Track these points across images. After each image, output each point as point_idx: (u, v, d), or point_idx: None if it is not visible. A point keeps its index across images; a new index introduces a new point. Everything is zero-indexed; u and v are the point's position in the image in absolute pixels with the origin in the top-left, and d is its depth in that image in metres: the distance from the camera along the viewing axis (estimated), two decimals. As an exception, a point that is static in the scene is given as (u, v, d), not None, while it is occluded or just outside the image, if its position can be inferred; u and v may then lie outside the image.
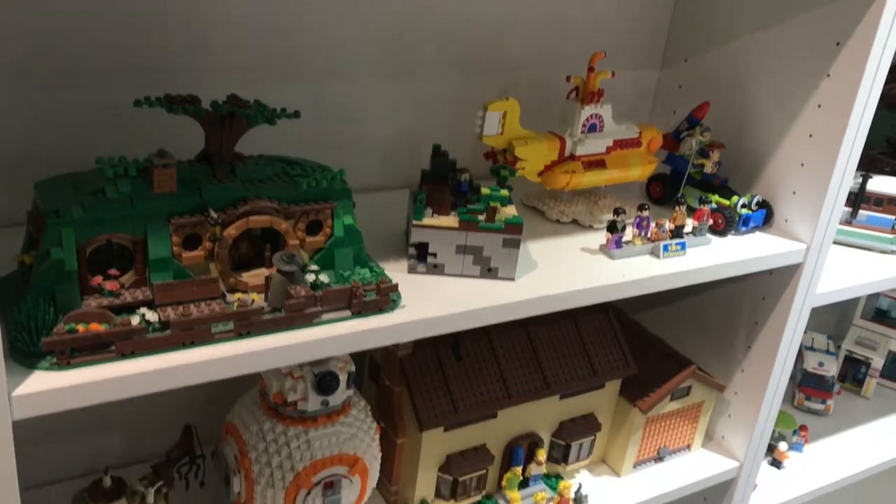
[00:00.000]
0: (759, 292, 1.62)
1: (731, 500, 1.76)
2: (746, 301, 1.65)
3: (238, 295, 1.07)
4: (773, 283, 1.59)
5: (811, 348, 2.28)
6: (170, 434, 1.39)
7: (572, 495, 1.55)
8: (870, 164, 1.87)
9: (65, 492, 1.34)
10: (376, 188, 1.55)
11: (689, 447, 1.74)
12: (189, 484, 1.39)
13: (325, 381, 1.26)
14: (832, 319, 2.54)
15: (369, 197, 1.45)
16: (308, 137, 1.38)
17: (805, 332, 2.34)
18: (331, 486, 1.29)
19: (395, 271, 1.23)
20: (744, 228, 1.53)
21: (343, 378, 1.29)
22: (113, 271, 1.02)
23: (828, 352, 2.27)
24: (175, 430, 1.39)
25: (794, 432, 2.03)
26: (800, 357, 2.27)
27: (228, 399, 1.37)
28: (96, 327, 0.95)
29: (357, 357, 1.33)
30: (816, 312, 2.38)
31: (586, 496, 1.56)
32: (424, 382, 1.41)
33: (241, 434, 1.30)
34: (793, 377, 2.26)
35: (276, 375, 1.28)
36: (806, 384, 2.21)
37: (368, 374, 1.55)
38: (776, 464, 1.96)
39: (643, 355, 1.63)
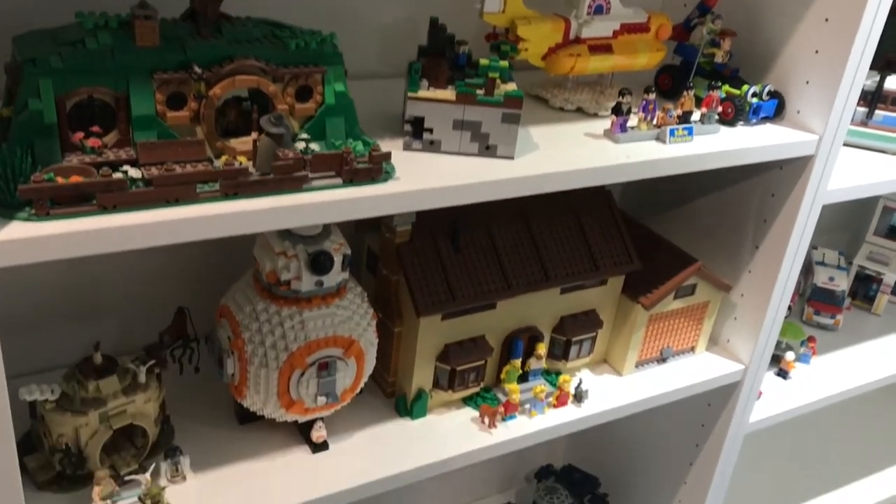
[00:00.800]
0: (768, 188, 1.57)
1: (734, 405, 1.74)
2: (755, 198, 1.60)
3: (224, 157, 1.03)
4: (784, 179, 1.54)
5: (822, 263, 2.24)
6: (163, 324, 1.37)
7: (572, 390, 1.53)
8: (887, 66, 1.80)
9: (55, 379, 1.33)
10: (374, 75, 1.50)
11: (692, 349, 1.71)
12: (183, 368, 1.37)
13: (318, 261, 1.23)
14: (844, 237, 2.50)
15: (366, 83, 1.41)
16: (301, 20, 1.33)
17: (815, 247, 2.31)
18: (325, 368, 1.28)
19: (391, 149, 1.19)
20: (754, 119, 1.47)
21: (338, 260, 1.26)
22: (96, 129, 0.99)
23: (839, 267, 2.22)
24: (168, 320, 1.37)
25: (802, 343, 2.00)
26: (810, 272, 2.23)
27: (222, 286, 1.35)
28: (77, 179, 0.92)
29: (354, 248, 1.31)
30: (828, 229, 2.35)
31: (587, 391, 1.54)
32: (422, 270, 1.38)
33: (234, 315, 1.28)
34: (802, 293, 2.23)
35: (269, 254, 1.25)
36: (816, 299, 2.17)
37: (366, 265, 1.52)
38: (782, 374, 1.93)
39: (648, 254, 1.60)
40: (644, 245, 1.61)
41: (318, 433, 1.34)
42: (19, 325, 1.37)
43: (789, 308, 1.71)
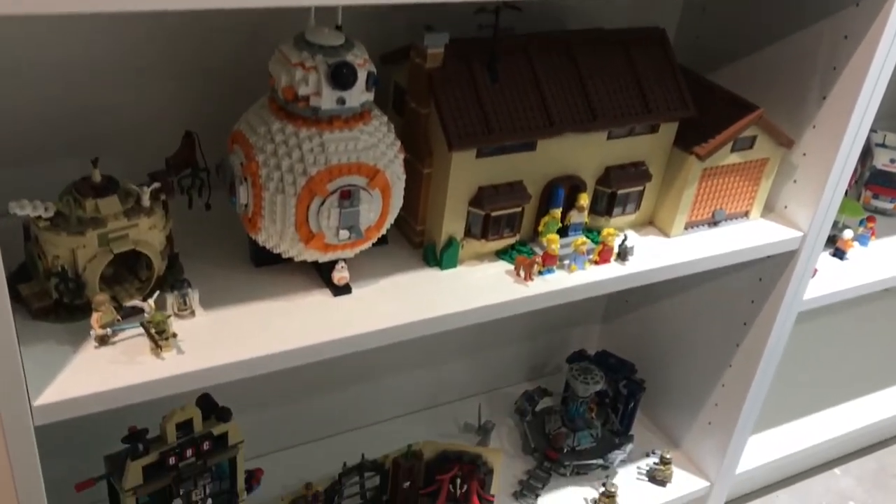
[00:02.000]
0: (841, 29, 1.41)
1: (789, 277, 1.60)
2: (825, 42, 1.44)
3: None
4: (858, 17, 1.38)
5: (882, 145, 2.08)
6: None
7: (616, 246, 1.40)
8: None
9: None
10: None
11: (747, 214, 1.57)
12: (192, 202, 1.26)
13: (340, 73, 1.10)
14: (906, 122, 2.32)
15: None
16: None
17: (875, 130, 2.14)
18: (348, 197, 1.15)
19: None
20: (832, -59, 1.31)
21: (362, 76, 1.12)
22: None
23: (901, 149, 2.06)
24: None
25: (861, 223, 1.85)
26: (868, 155, 2.07)
27: (233, 120, 1.22)
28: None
29: (381, 83, 1.17)
30: (889, 114, 2.18)
31: (632, 248, 1.41)
32: (455, 99, 1.24)
33: (247, 138, 1.15)
34: (860, 176, 2.07)
35: (286, 67, 1.12)
36: (874, 182, 2.01)
37: (393, 105, 1.39)
38: (839, 254, 1.79)
39: (702, 104, 1.44)
40: (698, 93, 1.45)
41: (341, 274, 1.22)
42: (7, 160, 1.25)
43: (845, 193, 1.57)
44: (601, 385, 1.83)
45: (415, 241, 1.37)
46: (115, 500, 1.28)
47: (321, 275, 1.26)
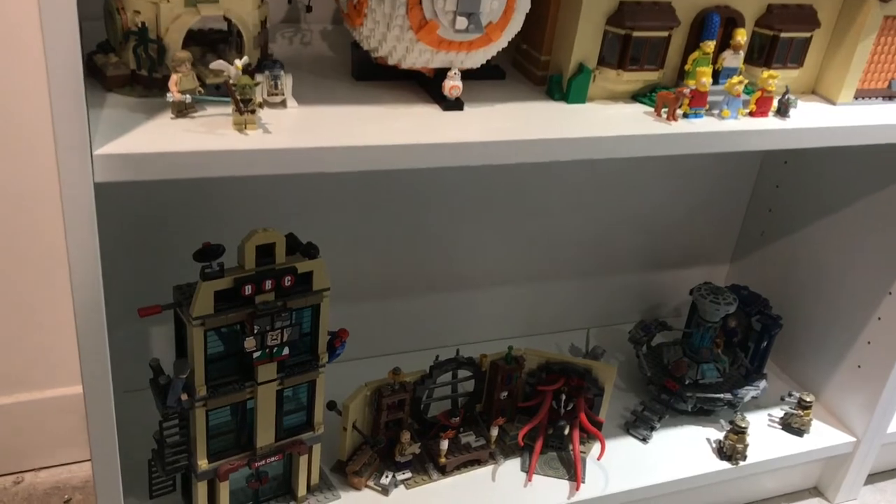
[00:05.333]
0: None
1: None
2: None
3: None
4: None
5: None
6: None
7: (775, 101, 1.18)
8: None
9: None
10: None
11: (930, 92, 1.33)
12: (292, -2, 1.12)
13: None
14: None
15: None
16: None
17: None
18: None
19: None
20: None
21: None
22: None
23: None
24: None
25: None
26: None
27: None
28: None
29: None
30: None
31: (795, 100, 1.19)
32: None
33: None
34: None
35: None
36: None
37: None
38: None
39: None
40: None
41: (453, 83, 1.05)
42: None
43: None
44: (733, 307, 1.59)
45: (537, 77, 1.19)
46: (181, 335, 1.13)
47: (429, 92, 1.10)
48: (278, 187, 1.39)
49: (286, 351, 1.14)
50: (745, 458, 1.52)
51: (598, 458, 1.45)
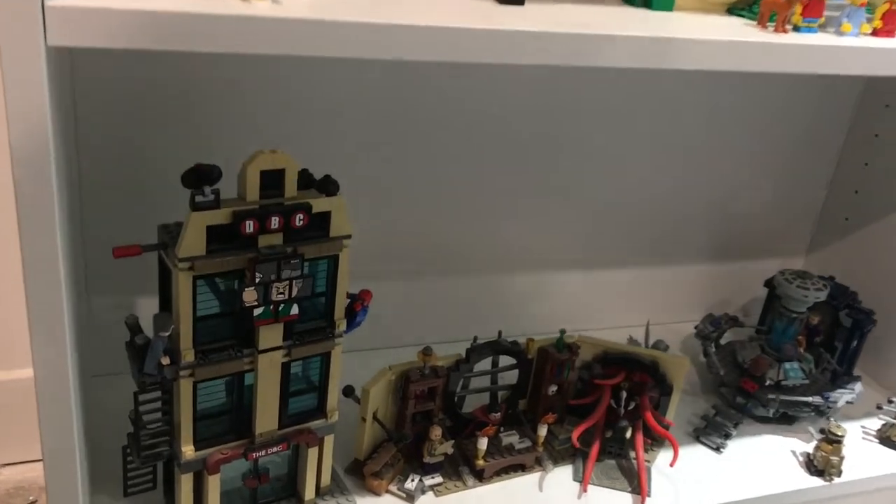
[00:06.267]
0: None
1: None
2: None
3: None
4: None
5: None
6: None
7: (905, 13, 0.96)
8: None
9: None
10: None
11: None
12: None
13: None
14: None
15: None
16: None
17: None
18: None
19: None
20: None
21: None
22: None
23: None
24: None
25: None
26: None
27: None
28: None
29: None
30: None
31: (929, 16, 0.97)
32: None
33: None
34: None
35: None
36: None
37: None
38: None
39: None
40: None
41: (512, -32, 0.84)
42: None
43: None
44: (824, 294, 1.35)
45: (614, -12, 0.98)
46: (165, 285, 0.91)
47: (483, -13, 0.89)
48: (289, 118, 1.18)
49: (295, 310, 0.91)
50: (839, 473, 1.27)
51: (671, 465, 1.20)
